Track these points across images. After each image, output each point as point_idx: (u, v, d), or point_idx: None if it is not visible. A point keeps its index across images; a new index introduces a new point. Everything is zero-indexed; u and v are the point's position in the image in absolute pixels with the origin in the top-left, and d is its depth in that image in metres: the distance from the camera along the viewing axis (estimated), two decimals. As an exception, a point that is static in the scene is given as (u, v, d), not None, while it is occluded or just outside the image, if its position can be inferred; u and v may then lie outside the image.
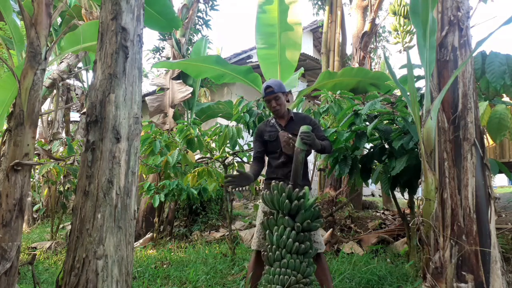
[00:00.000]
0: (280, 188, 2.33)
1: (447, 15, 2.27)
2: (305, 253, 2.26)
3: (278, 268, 2.20)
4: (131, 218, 1.85)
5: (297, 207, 2.27)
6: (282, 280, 2.16)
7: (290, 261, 2.20)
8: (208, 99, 11.35)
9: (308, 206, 2.30)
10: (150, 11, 3.57)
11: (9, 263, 1.94)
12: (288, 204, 2.27)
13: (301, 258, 2.23)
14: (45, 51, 2.22)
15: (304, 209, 2.29)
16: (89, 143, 1.84)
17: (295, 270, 2.19)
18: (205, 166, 4.84)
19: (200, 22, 10.37)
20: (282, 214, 2.31)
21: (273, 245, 2.28)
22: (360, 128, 3.45)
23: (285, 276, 2.17)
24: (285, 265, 2.20)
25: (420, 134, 2.24)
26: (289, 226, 2.26)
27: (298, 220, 2.27)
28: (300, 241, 2.24)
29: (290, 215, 2.30)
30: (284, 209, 2.29)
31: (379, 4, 8.10)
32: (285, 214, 2.30)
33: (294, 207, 2.27)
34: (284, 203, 2.27)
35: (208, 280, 3.44)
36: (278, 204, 2.32)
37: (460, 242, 1.96)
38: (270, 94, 2.73)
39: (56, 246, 5.41)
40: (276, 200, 2.32)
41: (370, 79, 5.34)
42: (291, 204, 2.27)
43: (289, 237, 2.22)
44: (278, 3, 5.59)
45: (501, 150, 5.53)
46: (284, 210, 2.29)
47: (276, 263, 2.23)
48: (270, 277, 2.22)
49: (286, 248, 2.22)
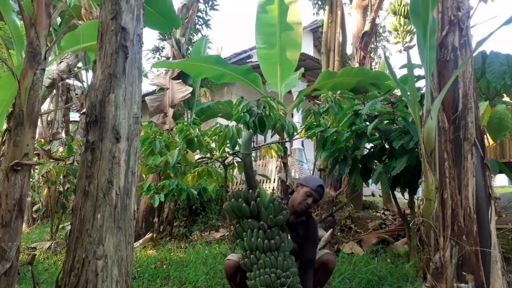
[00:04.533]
0: (236, 194, 2.41)
1: (448, 15, 2.26)
2: (277, 248, 2.33)
3: (257, 271, 2.28)
4: (130, 218, 1.84)
5: (256, 208, 2.35)
6: (263, 281, 2.23)
7: (266, 260, 2.27)
8: (208, 99, 11.34)
9: (267, 204, 2.38)
10: (150, 11, 3.57)
11: (8, 263, 1.94)
12: (247, 208, 2.35)
13: (275, 254, 2.30)
14: (45, 51, 2.22)
15: (264, 207, 2.36)
16: (89, 143, 1.83)
17: (273, 268, 2.26)
18: (205, 166, 4.84)
19: (200, 22, 10.38)
20: (246, 218, 2.38)
21: (246, 250, 2.35)
22: (360, 128, 3.45)
23: (265, 276, 2.24)
24: (262, 266, 2.27)
25: (421, 134, 2.23)
26: (255, 228, 2.33)
27: (262, 219, 2.35)
28: (269, 238, 2.31)
29: (253, 217, 2.38)
30: (245, 214, 2.37)
31: (379, 3, 8.10)
32: (248, 217, 2.37)
33: (253, 209, 2.35)
34: (242, 207, 2.35)
35: (208, 280, 3.44)
36: (239, 211, 2.39)
37: (461, 242, 1.96)
38: (318, 195, 2.57)
39: (56, 246, 5.40)
40: (235, 208, 2.40)
41: (370, 79, 5.34)
42: (249, 207, 2.34)
43: (258, 237, 2.30)
44: (278, 3, 5.59)
45: (502, 150, 5.53)
46: (245, 214, 2.37)
47: (254, 266, 2.30)
48: (252, 281, 2.29)
49: (259, 248, 2.29)
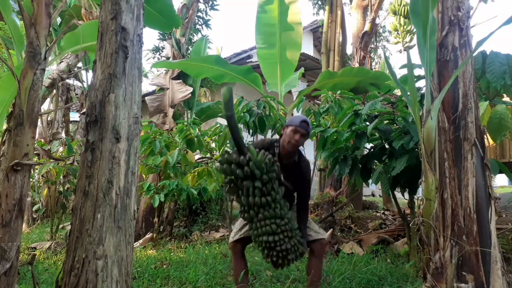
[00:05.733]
0: (227, 159, 2.38)
1: (448, 15, 2.26)
2: (274, 200, 2.39)
3: (257, 223, 2.37)
4: (130, 218, 1.84)
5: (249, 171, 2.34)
6: (265, 231, 2.34)
7: (265, 214, 2.35)
8: (208, 99, 11.33)
9: (259, 164, 2.36)
10: (150, 10, 3.57)
11: (8, 263, 1.94)
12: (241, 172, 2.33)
13: (272, 206, 2.38)
14: (45, 51, 2.22)
15: (257, 167, 2.35)
16: (89, 143, 1.83)
17: (272, 219, 2.35)
18: (205, 166, 4.84)
19: (200, 22, 10.37)
20: (240, 179, 2.37)
21: (244, 206, 2.40)
22: (360, 128, 3.45)
23: (266, 227, 2.34)
24: (262, 218, 2.35)
25: (421, 134, 2.23)
26: (250, 187, 2.36)
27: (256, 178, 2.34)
28: (266, 195, 2.36)
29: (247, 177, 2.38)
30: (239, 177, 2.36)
31: (379, 3, 8.10)
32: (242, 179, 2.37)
33: (246, 173, 2.35)
34: (236, 172, 2.33)
35: (208, 280, 3.44)
36: (233, 175, 2.38)
37: (461, 242, 1.96)
38: (303, 128, 2.59)
39: (56, 246, 5.39)
40: (229, 173, 2.38)
41: (370, 79, 5.34)
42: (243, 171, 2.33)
43: (255, 195, 2.34)
44: (278, 3, 5.59)
45: (502, 150, 5.53)
46: (239, 175, 2.35)
47: (254, 219, 2.39)
48: (255, 232, 2.39)
49: (256, 205, 2.35)
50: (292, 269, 3.62)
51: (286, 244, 2.37)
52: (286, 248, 2.36)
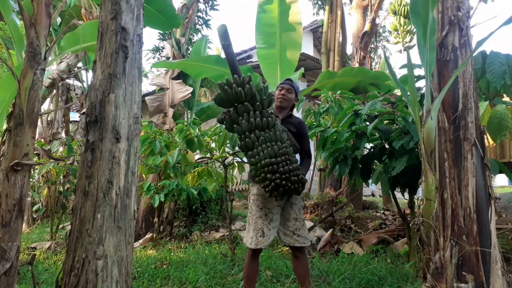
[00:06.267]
0: (228, 82, 2.47)
1: (448, 15, 2.26)
2: (273, 125, 2.47)
3: (259, 147, 2.39)
4: (131, 218, 1.84)
5: (250, 91, 2.45)
6: (267, 153, 2.36)
7: (266, 136, 2.40)
8: (208, 99, 11.34)
9: (258, 87, 2.49)
10: (150, 10, 3.57)
11: (8, 263, 1.94)
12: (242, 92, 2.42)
13: (273, 130, 2.44)
14: (45, 51, 2.22)
15: (257, 89, 2.48)
16: (89, 143, 1.83)
17: (273, 141, 2.40)
18: (205, 166, 4.84)
19: (200, 22, 10.37)
20: (240, 104, 2.45)
21: (245, 132, 2.44)
22: (360, 128, 3.45)
23: (269, 148, 2.37)
24: (263, 141, 2.39)
25: (421, 134, 2.23)
26: (251, 110, 2.44)
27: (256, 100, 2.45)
28: (266, 117, 2.44)
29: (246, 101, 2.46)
30: (240, 99, 2.44)
31: (379, 3, 8.10)
32: (242, 102, 2.45)
33: (247, 92, 2.44)
34: (238, 92, 2.42)
35: (208, 280, 3.44)
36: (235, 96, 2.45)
37: (461, 242, 1.96)
38: (287, 84, 2.88)
39: (56, 246, 5.40)
40: (231, 95, 2.45)
41: (370, 79, 5.34)
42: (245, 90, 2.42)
43: (256, 117, 2.41)
44: (279, 3, 5.58)
45: (502, 150, 5.53)
46: (240, 100, 2.44)
47: (255, 144, 2.41)
48: (256, 157, 2.39)
49: (257, 127, 2.41)
50: (292, 268, 3.62)
51: (288, 165, 2.34)
52: (288, 169, 2.33)
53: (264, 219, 2.62)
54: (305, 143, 2.84)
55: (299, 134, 2.81)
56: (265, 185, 2.39)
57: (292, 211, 2.68)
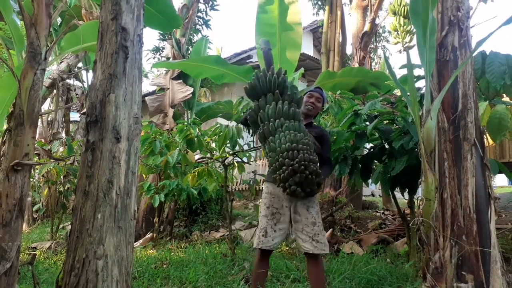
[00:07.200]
0: (263, 71, 2.64)
1: (447, 15, 2.27)
2: (299, 120, 2.54)
3: (281, 133, 2.42)
4: (131, 218, 1.84)
5: (283, 82, 2.59)
6: (289, 138, 2.37)
7: (290, 125, 2.44)
8: (208, 99, 11.33)
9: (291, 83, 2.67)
10: (150, 10, 3.56)
11: (9, 263, 1.94)
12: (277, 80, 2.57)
13: (297, 122, 2.50)
14: (45, 51, 2.22)
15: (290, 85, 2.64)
16: (89, 143, 1.84)
17: (296, 131, 2.43)
18: (205, 166, 4.84)
19: (200, 22, 10.37)
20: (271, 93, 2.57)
21: (270, 118, 2.50)
22: (360, 128, 3.45)
23: (292, 134, 2.38)
24: (287, 128, 2.42)
25: (420, 134, 2.24)
26: (279, 100, 2.53)
27: (286, 92, 2.58)
28: (294, 107, 2.54)
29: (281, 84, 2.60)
30: (271, 88, 2.57)
31: (379, 4, 8.10)
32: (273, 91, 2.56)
33: (281, 81, 2.57)
34: (273, 79, 2.56)
35: (208, 280, 3.44)
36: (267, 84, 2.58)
37: (460, 242, 1.96)
38: (317, 92, 2.90)
39: (56, 246, 5.40)
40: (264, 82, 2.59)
41: (370, 79, 5.33)
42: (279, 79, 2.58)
43: (284, 105, 2.49)
44: (278, 3, 5.58)
45: (501, 150, 5.54)
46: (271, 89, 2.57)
47: (278, 129, 2.45)
48: (277, 141, 2.40)
49: (283, 115, 2.47)
50: (292, 268, 3.62)
51: (309, 155, 2.32)
52: (309, 158, 2.30)
53: (269, 219, 2.55)
54: (326, 150, 2.78)
55: (320, 140, 2.74)
56: (280, 172, 2.31)
57: (310, 215, 2.53)
